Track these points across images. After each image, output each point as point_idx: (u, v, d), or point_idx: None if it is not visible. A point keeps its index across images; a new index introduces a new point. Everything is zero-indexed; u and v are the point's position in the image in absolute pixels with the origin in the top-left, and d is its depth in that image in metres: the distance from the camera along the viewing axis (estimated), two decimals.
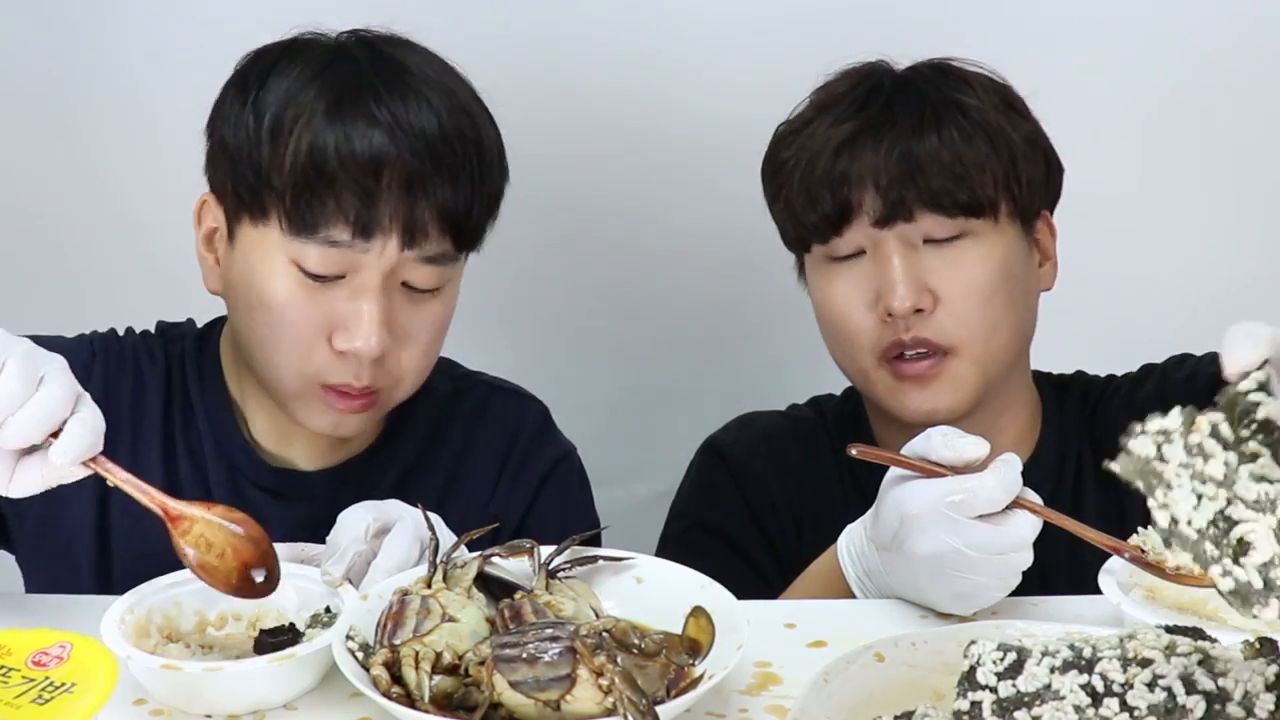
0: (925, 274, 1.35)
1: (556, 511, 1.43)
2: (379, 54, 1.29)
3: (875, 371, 1.38)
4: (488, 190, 1.30)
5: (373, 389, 1.28)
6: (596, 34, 1.92)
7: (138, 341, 1.41)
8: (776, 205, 1.43)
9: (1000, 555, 1.07)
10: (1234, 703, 0.80)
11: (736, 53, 1.93)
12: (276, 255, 1.25)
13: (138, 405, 1.36)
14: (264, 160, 1.24)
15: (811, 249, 1.41)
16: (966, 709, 0.85)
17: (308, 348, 1.26)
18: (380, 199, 1.23)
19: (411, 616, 1.00)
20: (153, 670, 0.99)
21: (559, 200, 1.95)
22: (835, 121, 1.37)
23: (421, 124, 1.25)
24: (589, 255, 1.99)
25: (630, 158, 1.95)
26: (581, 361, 2.01)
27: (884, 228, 1.35)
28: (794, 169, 1.38)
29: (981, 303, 1.35)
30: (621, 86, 1.93)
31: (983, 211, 1.35)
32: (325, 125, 1.23)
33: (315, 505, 1.32)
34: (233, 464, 1.37)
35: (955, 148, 1.34)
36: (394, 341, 1.27)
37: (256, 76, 1.28)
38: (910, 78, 1.40)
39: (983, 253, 1.36)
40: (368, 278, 1.25)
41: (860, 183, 1.34)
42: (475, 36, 1.90)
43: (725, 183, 1.95)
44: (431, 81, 1.28)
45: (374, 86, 1.25)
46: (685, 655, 0.97)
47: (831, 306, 1.40)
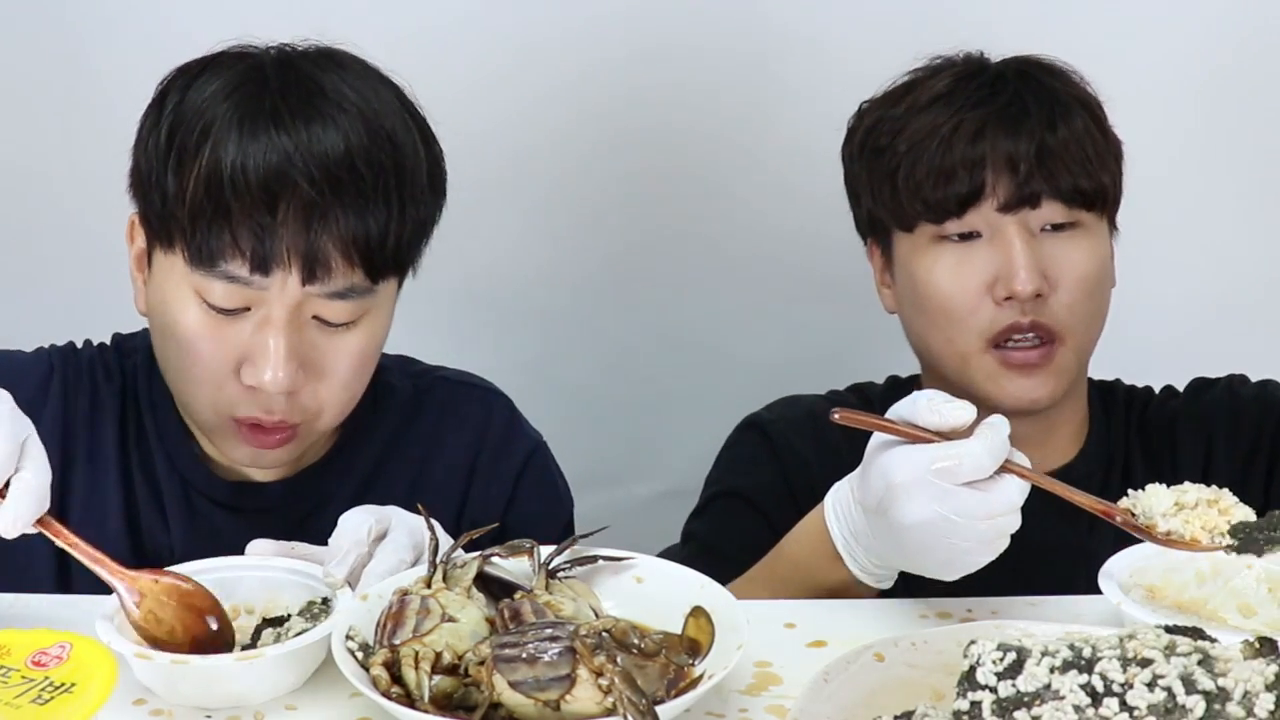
0: (1044, 260, 1.37)
1: (537, 505, 1.41)
2: (295, 73, 1.24)
3: (979, 356, 1.39)
4: (411, 215, 1.25)
5: (286, 424, 1.25)
6: (590, 32, 1.92)
7: (94, 356, 1.38)
8: (881, 184, 1.43)
9: (989, 520, 1.05)
10: (1234, 703, 0.80)
11: (733, 51, 1.93)
12: (183, 286, 1.22)
13: (94, 423, 1.34)
14: (169, 188, 1.20)
15: (916, 229, 1.41)
16: (966, 709, 0.85)
17: (216, 381, 1.23)
18: (275, 232, 1.18)
19: (411, 616, 1.00)
20: (128, 655, 1.00)
21: (560, 200, 1.95)
22: (965, 107, 1.39)
23: (325, 149, 1.19)
24: (589, 255, 1.99)
25: (631, 157, 1.95)
26: (582, 362, 2.01)
27: (1009, 213, 1.37)
28: (916, 149, 1.39)
29: (1090, 292, 1.39)
30: (620, 82, 1.93)
31: (1097, 203, 1.39)
32: (225, 153, 1.18)
33: (273, 517, 1.30)
34: (186, 480, 1.33)
35: (1082, 140, 1.38)
36: (307, 376, 1.23)
37: (173, 94, 1.24)
38: (1026, 70, 1.43)
39: (1092, 244, 1.39)
40: (272, 311, 1.20)
41: (996, 166, 1.36)
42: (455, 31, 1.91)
43: (727, 183, 1.96)
44: (347, 103, 1.23)
45: (278, 111, 1.20)
46: (685, 655, 0.98)
47: (938, 286, 1.40)
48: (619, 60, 1.93)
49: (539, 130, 1.92)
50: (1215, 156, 1.96)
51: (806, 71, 1.89)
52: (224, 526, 1.32)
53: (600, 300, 2.01)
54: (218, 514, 1.34)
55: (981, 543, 1.06)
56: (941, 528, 1.05)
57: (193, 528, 1.33)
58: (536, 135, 1.91)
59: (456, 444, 1.42)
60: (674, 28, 1.93)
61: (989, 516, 1.04)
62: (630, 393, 2.03)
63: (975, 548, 1.06)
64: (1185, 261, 1.98)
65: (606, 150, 1.95)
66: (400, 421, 1.40)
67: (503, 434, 1.44)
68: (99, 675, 1.00)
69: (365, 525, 1.11)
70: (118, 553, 1.29)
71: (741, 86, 1.92)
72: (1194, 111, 1.95)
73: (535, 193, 1.92)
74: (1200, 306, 2.00)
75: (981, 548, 1.06)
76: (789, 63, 1.92)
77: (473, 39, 1.90)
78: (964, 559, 1.07)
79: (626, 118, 1.94)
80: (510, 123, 1.87)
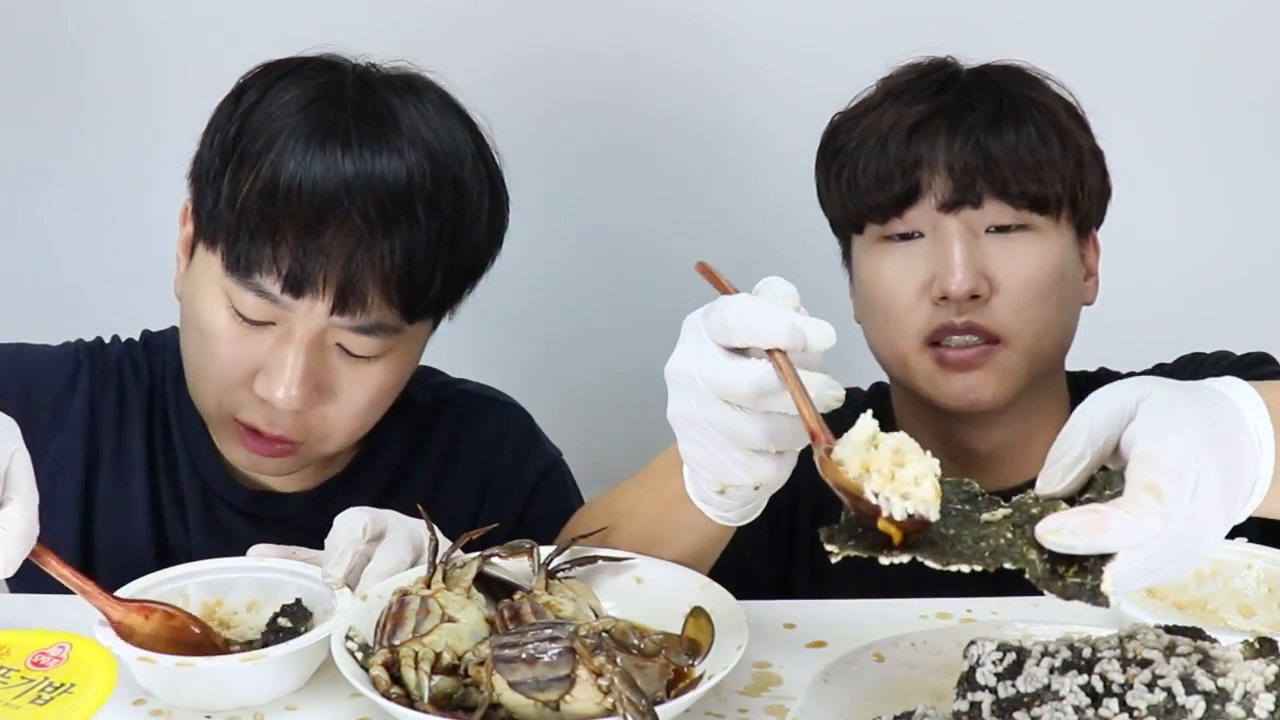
0: (985, 261, 1.35)
1: (547, 524, 1.39)
2: (373, 98, 1.21)
3: (916, 356, 1.37)
4: (460, 262, 1.22)
5: (286, 439, 1.24)
6: (589, 37, 1.93)
7: (122, 353, 1.38)
8: (835, 185, 1.42)
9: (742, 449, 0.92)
10: (1234, 703, 0.80)
11: (733, 54, 1.93)
12: (216, 286, 1.21)
13: (122, 424, 1.34)
14: (223, 189, 1.19)
15: (865, 229, 1.41)
16: (966, 709, 0.85)
17: (230, 384, 1.22)
18: (315, 258, 1.16)
19: (411, 617, 1.00)
20: (132, 660, 1.00)
21: (560, 201, 1.95)
22: (909, 103, 1.37)
23: (385, 181, 1.16)
24: (590, 255, 1.99)
25: (633, 160, 1.95)
26: (582, 361, 2.01)
27: (949, 212, 1.35)
28: (860, 148, 1.38)
29: (1037, 297, 1.36)
30: (617, 87, 1.93)
31: (1048, 208, 1.36)
32: (284, 167, 1.16)
33: (292, 528, 1.29)
34: (208, 487, 1.34)
35: (1030, 142, 1.35)
36: (320, 398, 1.22)
37: (250, 94, 1.23)
38: (985, 72, 1.42)
39: (1043, 249, 1.36)
40: (295, 330, 1.19)
41: (933, 165, 1.35)
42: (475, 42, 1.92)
43: (728, 185, 1.96)
44: (418, 138, 1.20)
45: (347, 134, 1.18)
46: (685, 655, 0.97)
47: (880, 285, 1.39)
48: (619, 62, 1.93)
49: (539, 131, 1.92)
50: (1206, 159, 1.97)
51: (806, 76, 1.89)
52: (243, 534, 1.31)
53: (600, 300, 2.01)
54: (238, 521, 1.34)
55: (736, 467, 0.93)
56: (687, 424, 0.92)
57: (212, 533, 1.34)
58: (537, 136, 1.92)
59: (472, 458, 1.41)
60: (674, 29, 1.93)
61: (725, 389, 0.90)
62: (630, 393, 2.03)
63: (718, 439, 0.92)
64: (1184, 261, 1.98)
65: (607, 151, 1.95)
66: (419, 432, 1.40)
67: (519, 449, 1.43)
68: (99, 675, 1.00)
69: (360, 524, 1.10)
70: (141, 550, 1.32)
71: (744, 88, 1.92)
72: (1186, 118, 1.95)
73: (536, 193, 1.92)
74: (1198, 307, 2.00)
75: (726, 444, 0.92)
76: (789, 67, 1.92)
77: (470, 42, 1.90)
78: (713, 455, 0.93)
79: (626, 119, 1.94)
80: (510, 124, 1.87)
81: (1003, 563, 0.79)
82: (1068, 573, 0.78)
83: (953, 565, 0.79)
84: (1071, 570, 0.78)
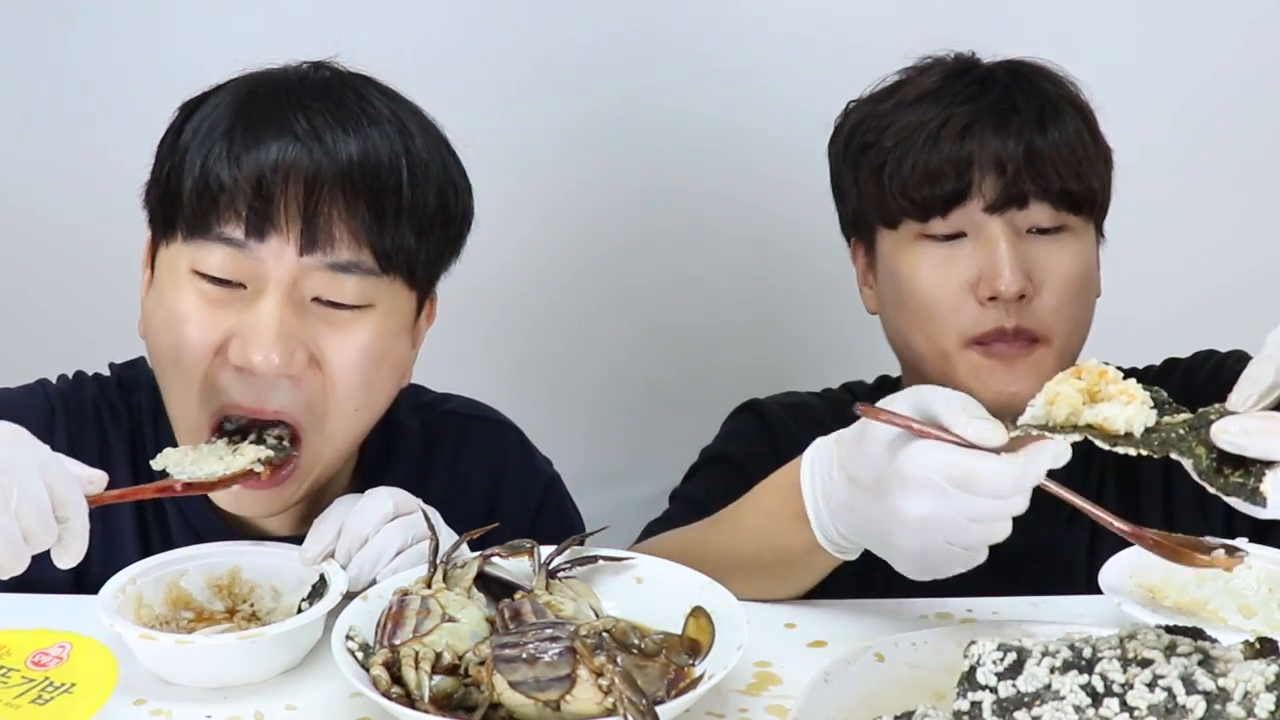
0: (1028, 262, 1.36)
1: (554, 541, 1.40)
2: (321, 80, 1.23)
3: (959, 352, 1.37)
4: (427, 217, 1.21)
5: (284, 416, 1.19)
6: (601, 34, 1.93)
7: (98, 395, 1.34)
8: (868, 180, 1.42)
9: (988, 524, 0.99)
10: (1234, 703, 0.80)
11: (733, 55, 1.93)
12: (180, 267, 1.18)
13: (106, 468, 1.23)
14: (173, 170, 1.19)
15: (900, 225, 1.40)
16: (966, 709, 0.85)
17: (206, 364, 1.17)
18: (275, 196, 1.15)
19: (411, 616, 1.00)
20: (132, 638, 1.02)
21: (561, 201, 1.95)
22: (957, 102, 1.38)
23: (339, 129, 1.17)
24: (590, 256, 1.99)
25: (633, 162, 1.95)
26: (582, 362, 2.01)
27: (995, 213, 1.36)
28: (903, 145, 1.38)
29: (1074, 296, 1.37)
30: (622, 89, 1.93)
31: (1084, 207, 1.38)
32: (236, 129, 1.17)
33: None
34: (198, 533, 1.28)
35: (1073, 142, 1.37)
36: (308, 365, 1.18)
37: (188, 110, 1.23)
38: (1020, 71, 1.42)
39: (1077, 249, 1.38)
40: (268, 283, 1.16)
41: (983, 164, 1.35)
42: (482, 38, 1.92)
43: (727, 188, 1.96)
44: (370, 108, 1.21)
45: (299, 98, 1.18)
46: (685, 655, 0.98)
47: (919, 283, 1.39)
48: (619, 64, 1.93)
49: (539, 133, 1.92)
50: (1206, 160, 1.97)
51: (803, 76, 1.89)
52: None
53: (600, 300, 2.01)
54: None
55: (968, 548, 1.01)
56: (936, 523, 0.99)
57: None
58: (537, 138, 1.92)
59: (473, 482, 1.40)
60: (673, 31, 1.93)
61: (993, 519, 0.98)
62: (630, 393, 2.03)
63: (961, 554, 1.01)
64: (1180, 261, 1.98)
65: (607, 153, 1.95)
66: (414, 468, 1.37)
67: (518, 470, 1.43)
68: (99, 675, 1.00)
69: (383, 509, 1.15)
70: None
71: (743, 89, 1.92)
72: (1185, 118, 1.95)
73: (536, 195, 1.93)
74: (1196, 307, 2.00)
75: (966, 554, 1.01)
76: (787, 67, 1.92)
77: (473, 47, 1.90)
78: (945, 562, 1.02)
79: (627, 120, 1.94)
80: (510, 126, 1.88)
81: (1169, 452, 0.90)
82: (1233, 473, 0.88)
83: (1119, 447, 0.92)
84: (1237, 472, 0.88)
